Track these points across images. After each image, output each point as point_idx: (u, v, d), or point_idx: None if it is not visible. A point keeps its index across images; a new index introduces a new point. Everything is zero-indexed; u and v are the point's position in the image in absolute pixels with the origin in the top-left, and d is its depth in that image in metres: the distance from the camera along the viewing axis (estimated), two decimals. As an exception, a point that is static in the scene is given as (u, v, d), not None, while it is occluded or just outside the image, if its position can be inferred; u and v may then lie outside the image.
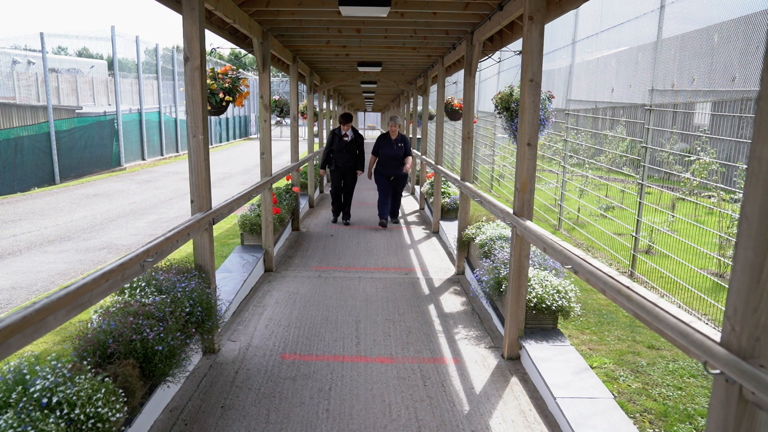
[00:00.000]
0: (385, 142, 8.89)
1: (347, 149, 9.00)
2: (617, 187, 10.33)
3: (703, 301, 5.46)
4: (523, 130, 3.88)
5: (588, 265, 2.72)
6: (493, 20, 5.20)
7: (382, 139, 8.92)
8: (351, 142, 9.00)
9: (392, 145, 8.84)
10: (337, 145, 9.02)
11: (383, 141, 8.89)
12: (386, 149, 8.86)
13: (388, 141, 8.88)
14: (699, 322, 1.87)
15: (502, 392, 3.59)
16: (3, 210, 11.40)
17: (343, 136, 9.01)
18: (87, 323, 3.10)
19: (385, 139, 8.92)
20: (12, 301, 5.82)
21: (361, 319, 4.84)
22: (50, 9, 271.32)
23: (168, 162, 22.72)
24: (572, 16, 9.73)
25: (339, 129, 9.08)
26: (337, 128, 9.11)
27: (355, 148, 9.03)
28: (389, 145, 8.86)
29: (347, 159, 9.04)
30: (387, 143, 8.88)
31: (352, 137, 9.04)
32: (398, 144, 8.84)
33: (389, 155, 8.84)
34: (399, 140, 8.86)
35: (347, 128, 9.04)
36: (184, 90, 3.87)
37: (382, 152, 8.87)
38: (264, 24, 6.05)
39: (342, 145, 8.99)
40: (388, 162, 8.88)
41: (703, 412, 3.55)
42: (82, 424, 2.30)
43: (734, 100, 6.99)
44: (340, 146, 9.00)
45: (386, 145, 8.87)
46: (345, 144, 8.99)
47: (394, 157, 8.85)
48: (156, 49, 23.82)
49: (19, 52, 22.75)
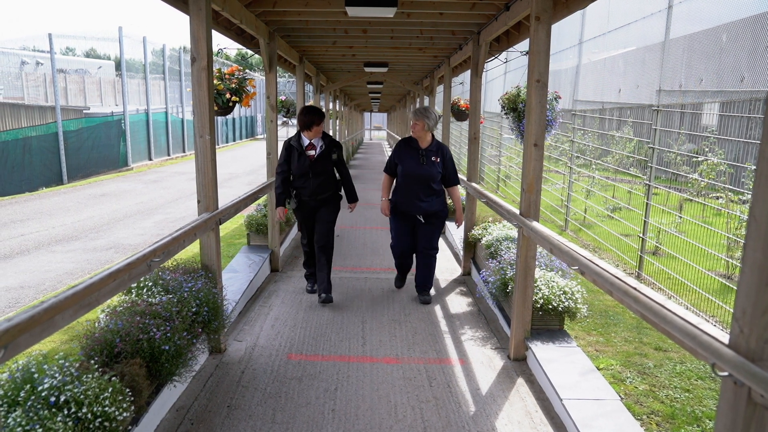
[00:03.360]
0: (407, 151, 5.09)
1: (315, 171, 5.01)
2: (624, 188, 10.28)
3: (710, 302, 5.42)
4: (530, 130, 3.87)
5: (595, 266, 2.71)
6: (499, 20, 5.20)
7: (403, 146, 5.14)
8: (321, 158, 5.03)
9: (419, 157, 5.01)
10: (297, 165, 5.02)
11: (404, 150, 5.11)
12: (409, 164, 5.04)
13: (412, 150, 5.06)
14: (707, 324, 1.86)
15: (508, 393, 3.58)
16: (11, 209, 11.48)
17: (307, 149, 5.01)
18: (94, 322, 3.12)
19: (406, 146, 5.11)
20: (20, 300, 5.86)
21: (366, 319, 4.85)
22: (58, 10, 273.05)
23: (175, 162, 22.82)
24: (579, 17, 9.69)
25: (298, 138, 5.07)
26: (295, 137, 5.09)
27: (331, 165, 5.13)
28: (413, 156, 5.03)
29: (317, 187, 5.03)
30: (410, 153, 5.06)
31: (322, 149, 5.05)
32: (431, 157, 5.03)
33: (414, 176, 5.01)
34: (433, 150, 5.06)
35: (314, 135, 5.02)
36: (190, 90, 3.88)
37: (404, 170, 5.06)
38: (270, 24, 6.07)
39: (305, 164, 4.98)
40: (412, 188, 5.04)
41: (711, 414, 3.53)
42: (90, 423, 2.32)
43: (743, 101, 6.94)
44: (302, 167, 5.00)
45: (409, 156, 5.06)
46: (310, 163, 4.99)
47: (422, 180, 5.01)
48: (163, 50, 23.92)
49: (28, 53, 22.94)
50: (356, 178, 16.57)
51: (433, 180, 5.01)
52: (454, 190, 5.21)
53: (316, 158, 5.01)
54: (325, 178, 5.08)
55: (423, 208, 5.08)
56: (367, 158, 24.98)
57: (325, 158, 5.05)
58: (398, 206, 5.16)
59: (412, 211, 5.11)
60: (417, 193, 5.04)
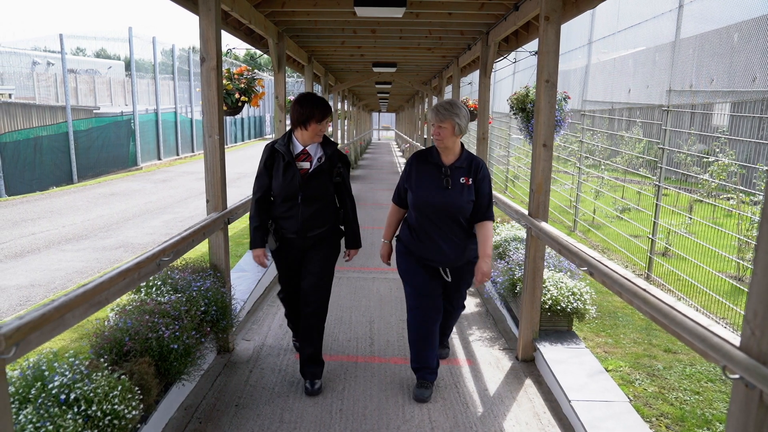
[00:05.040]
0: (423, 170, 3.35)
1: (308, 193, 3.37)
2: (633, 189, 10.22)
3: (721, 304, 5.38)
4: (539, 130, 3.85)
5: (604, 267, 2.70)
6: (508, 21, 5.18)
7: (418, 163, 3.38)
8: (319, 174, 3.39)
9: (441, 178, 3.27)
10: (281, 182, 3.36)
11: (419, 169, 3.36)
12: (426, 189, 3.29)
13: (430, 168, 3.33)
14: (717, 326, 1.84)
15: (516, 394, 3.57)
16: (22, 208, 11.58)
17: (299, 158, 3.40)
18: (104, 321, 3.14)
19: (423, 163, 3.37)
20: (31, 298, 5.90)
21: (374, 319, 4.85)
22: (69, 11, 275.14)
23: (184, 162, 22.92)
24: (588, 16, 9.65)
25: (287, 141, 3.42)
26: (283, 139, 3.44)
27: (331, 187, 3.47)
28: (433, 177, 3.30)
29: (309, 218, 3.40)
30: (429, 173, 3.32)
31: (322, 162, 3.40)
32: (460, 178, 3.27)
33: (433, 207, 3.27)
34: (462, 167, 3.29)
35: (311, 137, 3.39)
36: (200, 90, 3.90)
37: (418, 198, 3.31)
38: (279, 24, 6.08)
39: (294, 181, 3.34)
40: (431, 226, 3.31)
41: (721, 417, 3.50)
42: (99, 421, 2.33)
43: (754, 101, 6.88)
44: (290, 185, 3.35)
45: (427, 177, 3.32)
46: (301, 180, 3.34)
47: (446, 214, 3.27)
48: (172, 50, 24.05)
49: (39, 53, 23.13)
50: (363, 178, 16.65)
51: (463, 213, 3.20)
52: (483, 227, 3.24)
53: (312, 174, 3.30)
54: (321, 206, 3.37)
55: (449, 258, 3.26)
56: (375, 158, 24.99)
57: (324, 175, 3.34)
58: (413, 247, 3.36)
59: (432, 261, 3.31)
60: (438, 235, 3.23)
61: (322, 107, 3.36)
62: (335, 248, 3.57)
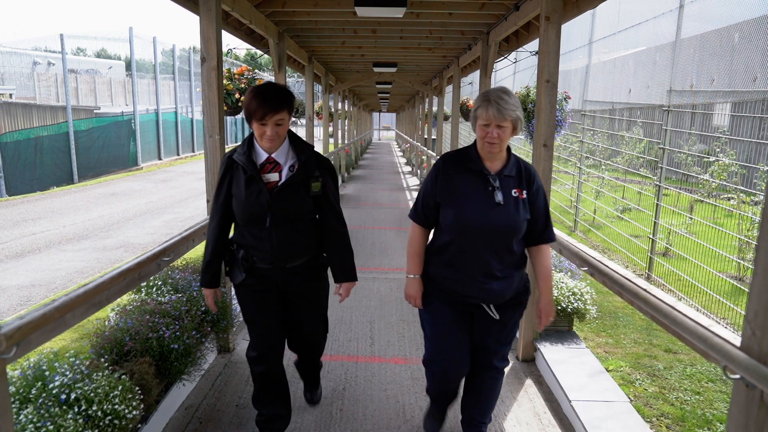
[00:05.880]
0: (462, 179, 2.44)
1: (279, 213, 2.52)
2: (634, 189, 10.22)
3: (721, 304, 5.38)
4: (539, 131, 3.85)
5: (604, 268, 2.70)
6: (509, 21, 5.18)
7: (454, 168, 2.47)
8: (291, 187, 2.53)
9: (487, 190, 2.40)
10: (244, 201, 2.52)
11: (456, 176, 2.46)
12: (469, 204, 2.40)
13: (472, 176, 2.43)
14: (718, 326, 1.84)
15: (517, 394, 3.57)
16: (23, 208, 11.58)
17: (264, 170, 2.53)
18: (104, 321, 3.15)
19: (460, 169, 2.46)
20: (31, 298, 5.91)
21: (375, 319, 4.85)
22: (69, 11, 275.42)
23: (184, 162, 22.94)
24: (589, 17, 9.65)
25: (247, 150, 2.54)
26: (243, 146, 2.56)
27: (309, 203, 2.60)
28: (476, 188, 2.41)
29: (284, 245, 2.55)
30: (470, 183, 2.43)
31: (295, 171, 2.53)
32: (511, 189, 2.42)
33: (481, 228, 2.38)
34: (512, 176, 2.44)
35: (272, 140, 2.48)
36: (200, 90, 3.90)
37: (458, 216, 2.40)
38: (280, 25, 6.09)
39: (260, 200, 2.49)
40: (474, 251, 2.42)
41: (721, 417, 3.50)
42: (100, 421, 2.34)
43: (755, 101, 6.88)
44: (255, 205, 2.50)
45: (468, 188, 2.42)
46: (270, 197, 2.49)
47: (495, 236, 2.39)
48: (173, 50, 24.07)
49: (40, 53, 23.14)
50: (364, 178, 16.64)
51: (515, 234, 2.42)
52: (540, 252, 2.55)
53: (282, 188, 2.51)
54: (299, 228, 2.59)
55: (495, 292, 2.47)
56: (376, 158, 24.99)
57: (299, 188, 2.54)
58: (442, 285, 2.54)
59: (473, 297, 2.49)
60: (483, 263, 2.42)
61: (264, 99, 2.42)
62: (324, 286, 2.81)
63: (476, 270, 2.44)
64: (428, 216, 2.55)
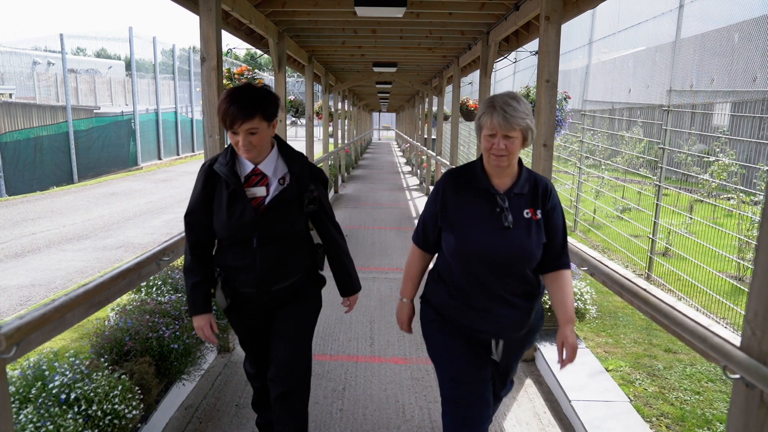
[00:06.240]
0: (467, 199, 2.13)
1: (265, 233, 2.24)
2: (634, 189, 10.22)
3: (721, 304, 5.38)
4: (539, 130, 3.86)
5: (604, 267, 2.70)
6: (509, 20, 5.18)
7: (456, 187, 2.16)
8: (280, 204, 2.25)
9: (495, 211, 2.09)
10: (226, 219, 2.21)
11: (461, 196, 2.14)
12: (476, 228, 2.09)
13: (477, 195, 2.12)
14: (718, 326, 1.84)
15: (516, 394, 3.57)
16: (23, 208, 11.58)
17: (250, 183, 2.23)
18: (104, 321, 3.15)
19: (463, 188, 2.15)
20: (31, 298, 5.91)
21: (375, 319, 4.84)
22: (69, 11, 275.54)
23: (184, 162, 22.94)
24: (589, 16, 9.65)
25: (230, 159, 2.22)
26: (225, 155, 2.24)
27: (301, 221, 2.34)
28: (484, 210, 2.10)
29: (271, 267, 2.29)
30: (476, 203, 2.12)
31: (285, 186, 2.26)
32: (523, 210, 2.10)
33: (491, 254, 2.07)
34: (524, 194, 2.12)
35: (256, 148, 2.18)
36: (200, 90, 3.90)
37: (461, 241, 2.10)
38: (280, 24, 6.09)
39: (244, 217, 2.19)
40: (484, 276, 2.09)
41: (721, 417, 3.50)
42: (100, 420, 2.34)
43: (755, 101, 6.88)
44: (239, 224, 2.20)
45: (473, 209, 2.11)
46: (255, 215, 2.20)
47: (505, 264, 2.08)
48: (173, 50, 24.07)
49: (40, 53, 23.15)
50: (364, 178, 16.65)
51: (528, 262, 2.12)
52: (559, 279, 2.19)
53: (271, 204, 2.25)
54: (288, 248, 2.34)
55: (507, 327, 2.18)
56: (376, 158, 25.00)
57: (289, 205, 2.28)
58: (444, 314, 2.26)
59: (482, 333, 2.21)
60: (493, 295, 2.13)
61: (235, 104, 2.10)
62: (314, 302, 2.53)
63: (484, 300, 2.13)
64: (428, 239, 2.29)
